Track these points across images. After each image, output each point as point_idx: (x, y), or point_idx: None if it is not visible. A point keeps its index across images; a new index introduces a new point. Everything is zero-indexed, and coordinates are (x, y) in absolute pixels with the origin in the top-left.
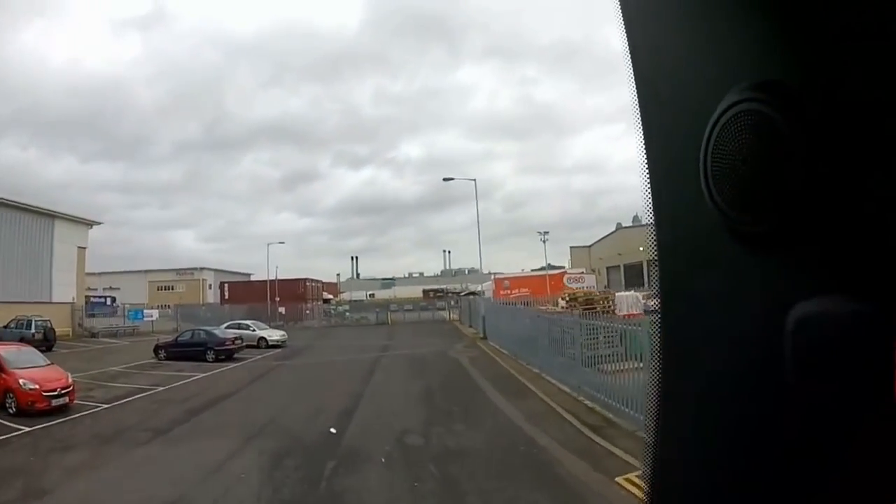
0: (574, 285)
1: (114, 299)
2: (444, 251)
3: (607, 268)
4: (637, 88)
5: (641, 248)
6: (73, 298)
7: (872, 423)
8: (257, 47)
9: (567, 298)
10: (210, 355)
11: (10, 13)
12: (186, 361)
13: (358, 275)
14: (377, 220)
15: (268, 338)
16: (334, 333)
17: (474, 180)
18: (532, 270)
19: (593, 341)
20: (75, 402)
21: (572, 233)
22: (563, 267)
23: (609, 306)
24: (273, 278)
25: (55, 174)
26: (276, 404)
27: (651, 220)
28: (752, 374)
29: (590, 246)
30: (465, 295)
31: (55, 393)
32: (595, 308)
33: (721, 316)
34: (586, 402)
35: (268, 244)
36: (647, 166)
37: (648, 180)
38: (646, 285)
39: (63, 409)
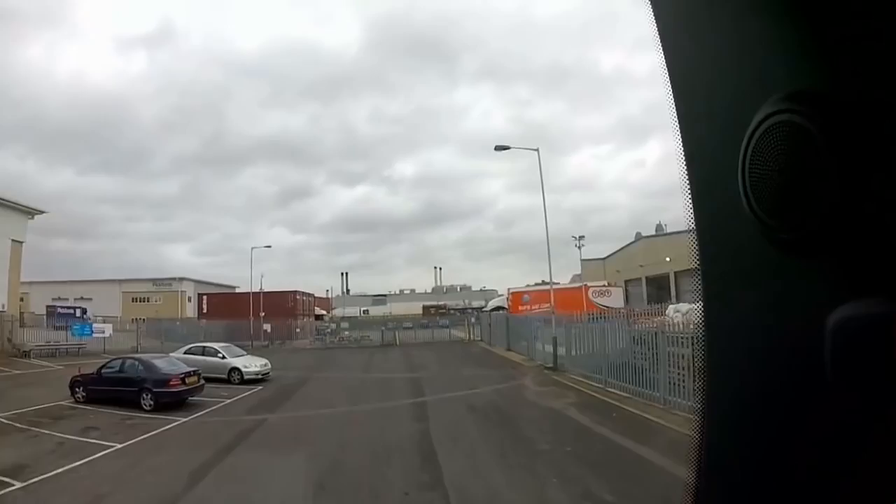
0: (600, 300)
1: (84, 311)
2: (436, 267)
3: (625, 281)
4: (675, 102)
5: (669, 259)
6: (3, 306)
7: None
8: (259, 66)
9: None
10: (147, 400)
11: (18, 25)
12: (112, 407)
13: (348, 290)
14: (370, 236)
15: (243, 369)
16: (334, 359)
17: (537, 150)
18: (528, 286)
19: None
20: None
21: (564, 248)
22: (558, 283)
23: None
24: (258, 290)
25: (52, 185)
26: None
27: (693, 228)
28: (793, 377)
29: (605, 258)
30: (493, 310)
31: None
32: None
33: (761, 320)
34: None
35: (251, 248)
36: (687, 177)
37: (689, 190)
38: (674, 298)
39: None
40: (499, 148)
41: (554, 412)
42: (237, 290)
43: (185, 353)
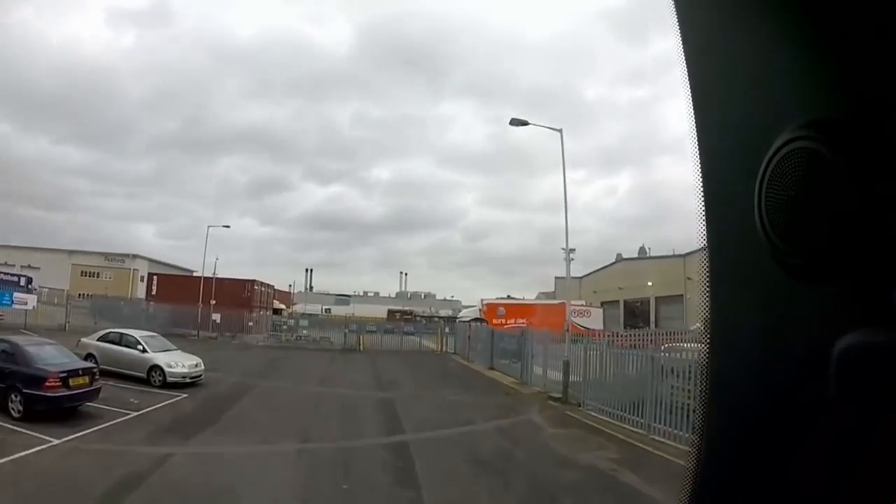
0: (579, 320)
1: (30, 280)
2: (402, 273)
3: (602, 302)
4: (696, 124)
5: (650, 283)
6: None
7: None
8: (249, 56)
9: None
10: (16, 404)
11: None
12: None
13: (311, 287)
14: (338, 236)
15: (166, 369)
16: (287, 361)
17: (560, 130)
18: (500, 298)
19: None
20: None
21: (528, 267)
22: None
23: None
24: (211, 275)
25: (25, 152)
26: None
27: (705, 248)
28: (794, 401)
29: (581, 277)
30: (471, 321)
31: None
32: None
33: (767, 343)
34: None
35: (208, 226)
36: (703, 198)
37: (703, 212)
38: (652, 324)
39: None
40: (515, 122)
41: (602, 477)
42: (195, 275)
43: (98, 339)
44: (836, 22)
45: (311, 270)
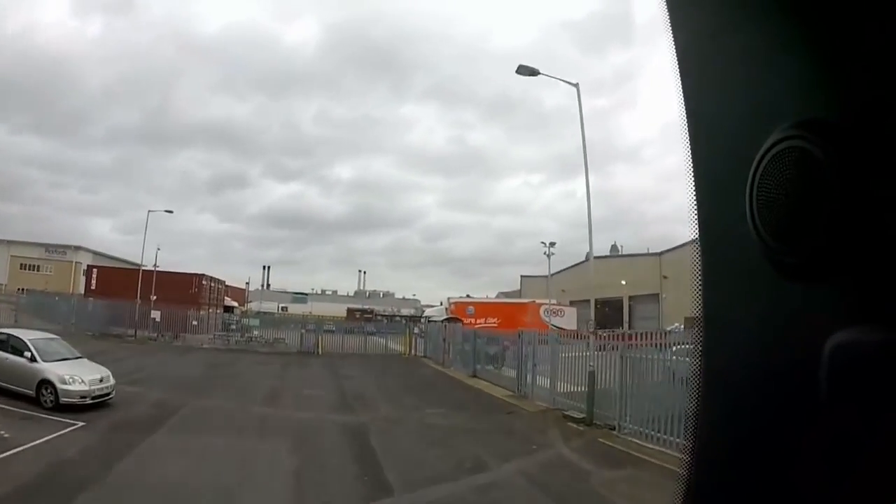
0: (552, 319)
1: None
2: (360, 271)
3: (571, 301)
4: (688, 124)
5: (624, 282)
6: None
7: None
8: (215, 50)
9: None
10: None
11: None
12: None
13: (269, 285)
14: (297, 234)
15: (59, 386)
16: (232, 369)
17: (576, 84)
18: (462, 298)
19: None
20: None
21: (486, 268)
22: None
23: None
24: (153, 267)
25: None
26: None
27: (697, 247)
28: (787, 400)
29: (548, 276)
30: (444, 321)
31: None
32: None
33: (759, 342)
34: None
35: (148, 211)
36: (695, 198)
37: (696, 211)
38: (626, 323)
39: None
40: (523, 71)
41: None
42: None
43: None
44: (827, 23)
45: (269, 268)
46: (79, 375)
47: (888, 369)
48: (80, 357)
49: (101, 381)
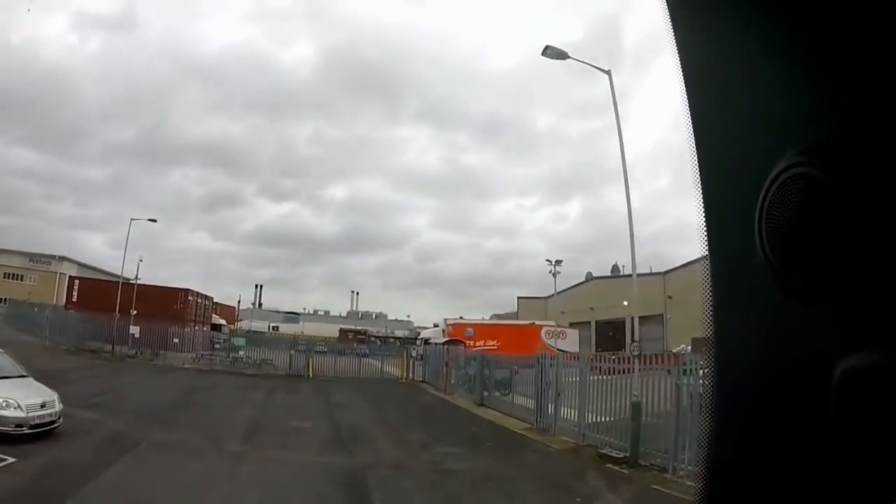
0: (553, 342)
1: None
2: (353, 292)
3: (570, 323)
4: (697, 151)
5: (626, 303)
6: None
7: None
8: (212, 70)
9: None
10: None
11: None
12: None
13: (261, 304)
14: (289, 253)
15: None
16: (209, 394)
17: (608, 71)
18: (460, 319)
19: None
20: None
21: (479, 289)
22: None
23: None
24: (133, 279)
25: None
26: None
27: (707, 270)
28: (799, 424)
29: (547, 297)
30: (445, 343)
31: None
32: None
33: (768, 366)
34: None
35: (131, 219)
36: (704, 223)
37: (706, 236)
38: (627, 347)
39: None
40: (551, 53)
41: None
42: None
43: None
44: (834, 47)
45: (261, 287)
46: (15, 399)
47: (894, 391)
48: (24, 376)
49: (42, 406)
